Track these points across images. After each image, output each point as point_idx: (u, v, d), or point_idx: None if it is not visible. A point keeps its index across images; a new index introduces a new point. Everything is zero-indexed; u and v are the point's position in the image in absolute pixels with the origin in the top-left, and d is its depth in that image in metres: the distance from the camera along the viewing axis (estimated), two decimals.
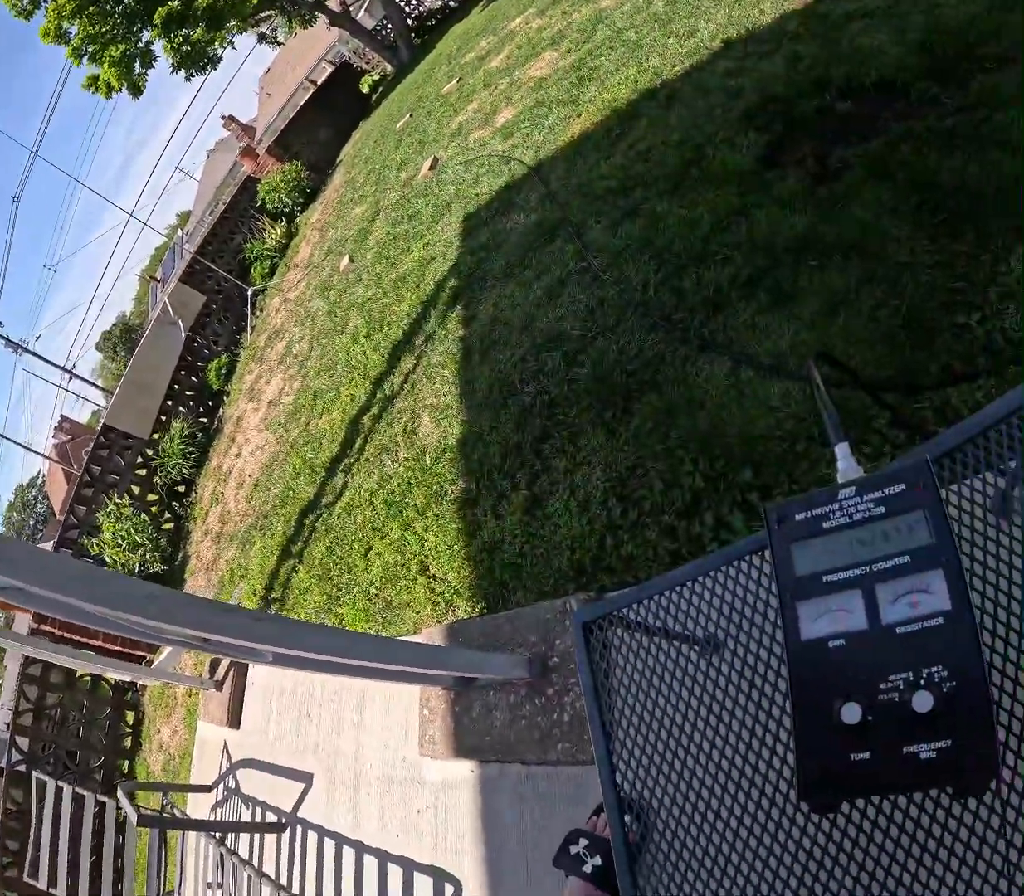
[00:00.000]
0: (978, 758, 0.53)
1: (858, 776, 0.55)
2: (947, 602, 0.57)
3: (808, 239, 1.99)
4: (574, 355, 2.10)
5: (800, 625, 0.60)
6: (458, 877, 1.78)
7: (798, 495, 0.67)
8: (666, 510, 1.79)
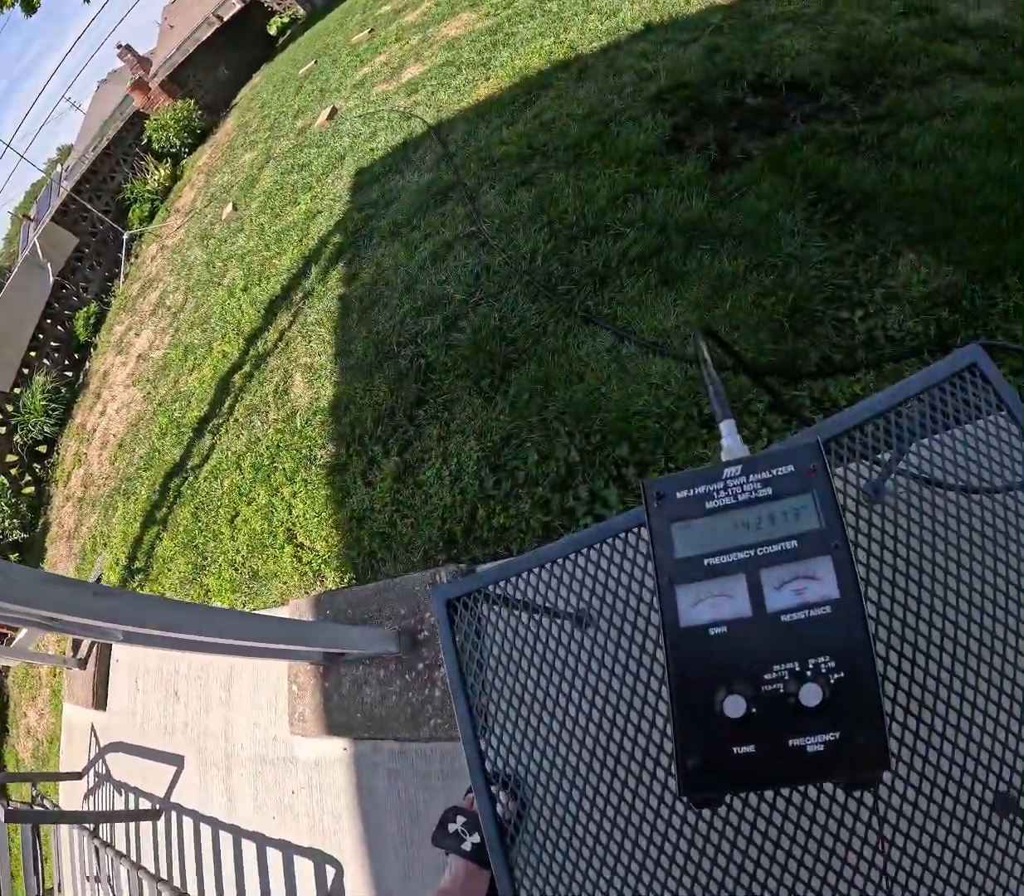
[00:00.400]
0: (868, 751, 0.52)
1: (742, 770, 0.53)
2: (835, 590, 0.55)
3: (702, 223, 2.01)
4: (455, 320, 2.02)
5: (679, 611, 0.57)
6: (338, 858, 1.71)
7: (680, 471, 0.63)
8: (540, 482, 1.77)
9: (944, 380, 0.76)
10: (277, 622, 1.75)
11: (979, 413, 0.74)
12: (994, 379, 0.75)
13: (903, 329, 1.76)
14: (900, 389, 0.76)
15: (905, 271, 1.84)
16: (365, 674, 1.80)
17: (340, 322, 2.42)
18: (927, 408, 0.75)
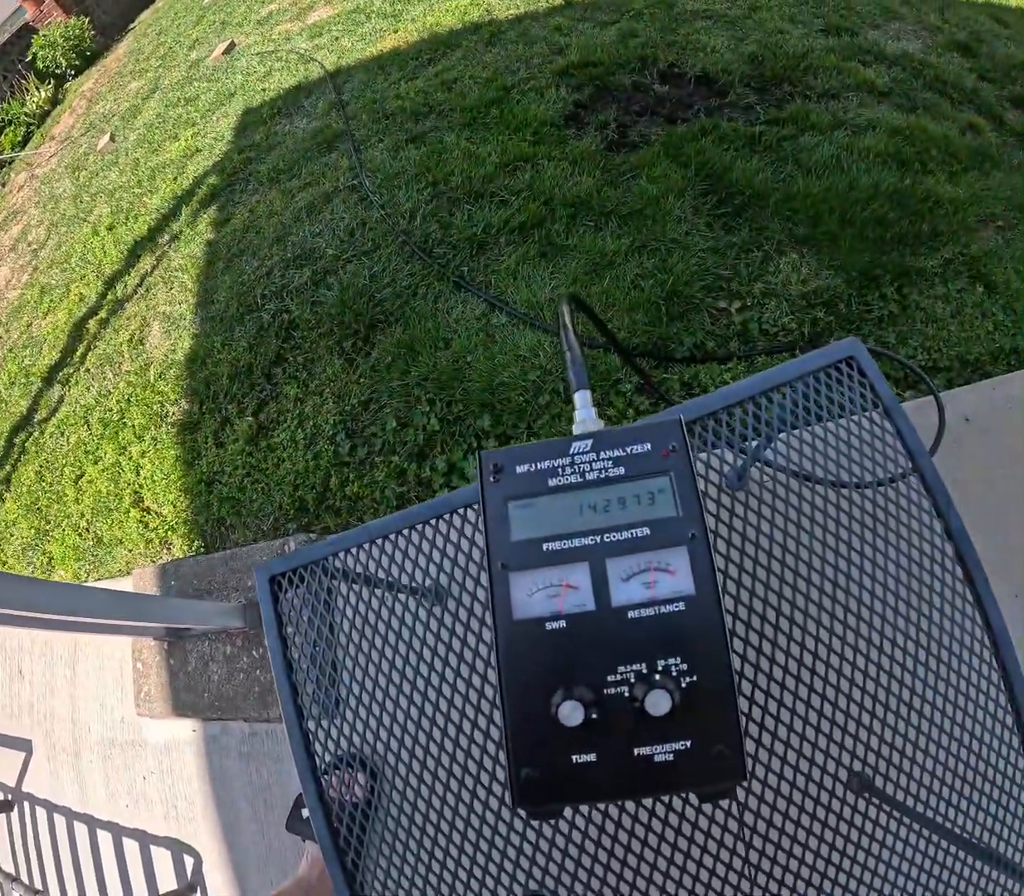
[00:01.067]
0: (723, 761, 0.47)
1: (582, 780, 0.47)
2: (690, 585, 0.50)
3: (589, 199, 1.97)
4: (324, 275, 1.90)
5: (513, 601, 0.51)
6: (195, 846, 1.61)
7: (523, 444, 0.55)
8: (397, 450, 1.70)
9: (819, 370, 0.73)
10: (113, 595, 1.59)
11: (853, 407, 0.72)
12: (871, 374, 0.73)
13: (778, 324, 1.81)
14: (773, 375, 0.73)
15: (786, 269, 1.89)
16: (211, 650, 1.68)
17: (205, 270, 2.23)
18: (799, 397, 0.72)
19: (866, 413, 0.73)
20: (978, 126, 2.43)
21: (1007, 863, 0.67)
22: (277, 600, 0.77)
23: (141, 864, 1.69)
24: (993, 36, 2.99)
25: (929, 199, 2.08)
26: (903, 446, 0.72)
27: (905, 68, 2.59)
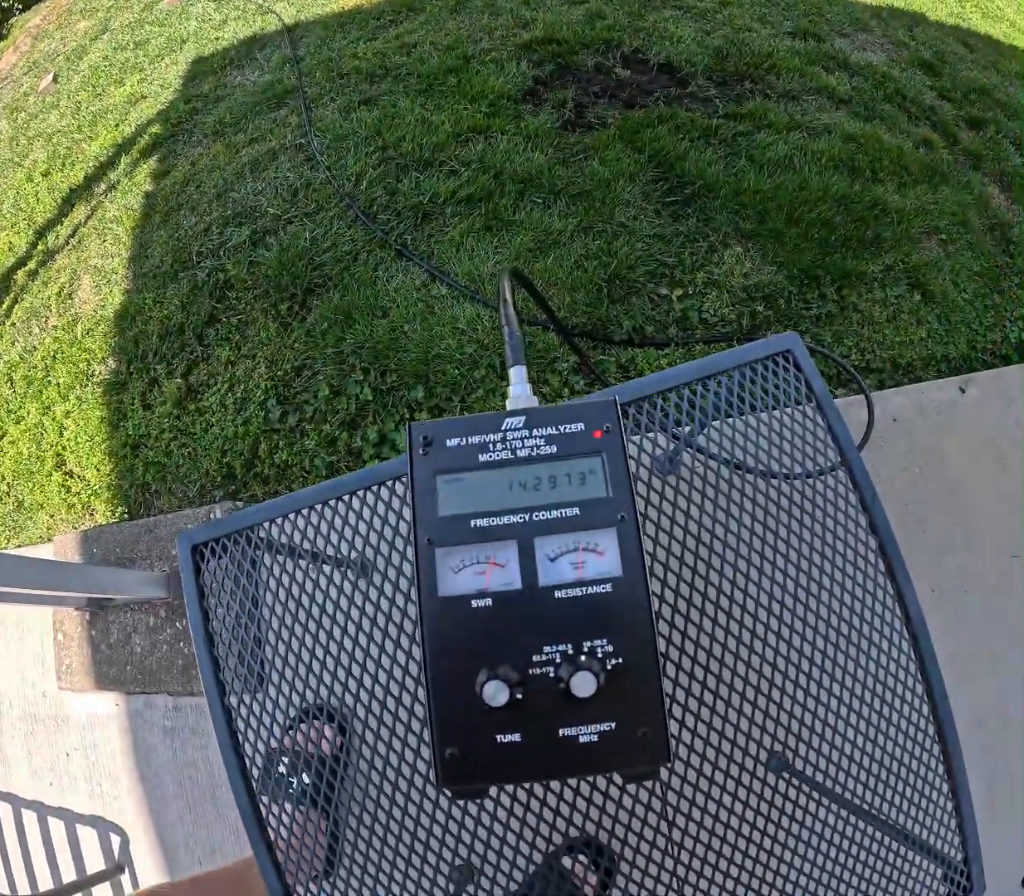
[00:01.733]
0: (647, 743, 0.48)
1: (507, 760, 0.48)
2: (618, 567, 0.50)
3: (540, 176, 1.95)
4: (263, 235, 1.84)
5: (438, 577, 0.50)
6: (122, 825, 1.57)
7: (454, 417, 0.54)
8: (329, 419, 1.67)
9: (756, 361, 0.74)
10: (28, 563, 1.52)
11: (786, 400, 0.73)
12: (807, 369, 0.74)
13: (718, 315, 1.83)
14: (710, 362, 0.74)
15: (730, 262, 1.91)
16: (134, 621, 1.64)
17: (141, 223, 2.14)
18: (735, 386, 0.73)
19: (799, 406, 0.74)
20: (932, 142, 2.51)
21: (917, 840, 0.70)
22: (199, 570, 0.74)
23: (68, 844, 1.65)
24: (958, 58, 3.07)
25: (876, 206, 2.14)
26: (833, 441, 0.74)
27: (867, 78, 2.64)
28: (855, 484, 0.73)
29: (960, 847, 0.71)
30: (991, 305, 2.13)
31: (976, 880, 0.71)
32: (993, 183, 2.54)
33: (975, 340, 2.05)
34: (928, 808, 0.70)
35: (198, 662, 0.71)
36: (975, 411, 1.75)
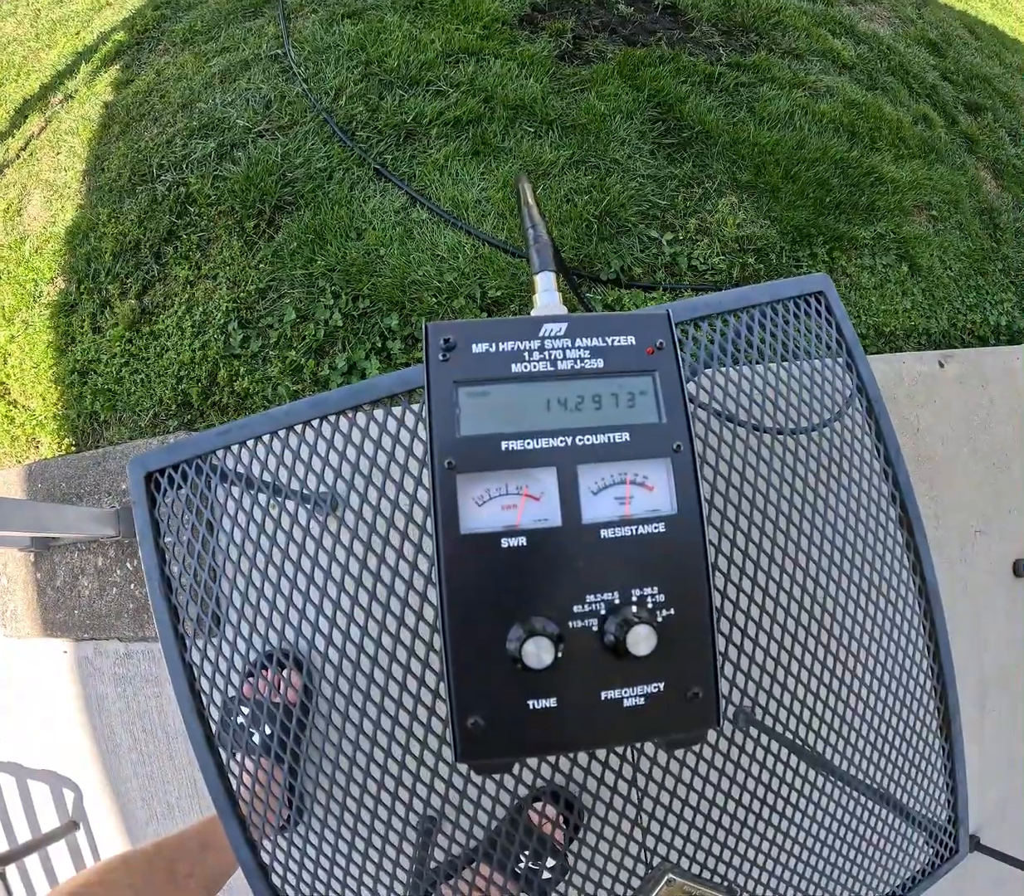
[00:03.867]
0: (696, 705, 0.42)
1: (539, 730, 0.41)
2: (671, 503, 0.44)
3: (533, 105, 1.84)
4: (231, 148, 1.70)
5: (460, 511, 0.42)
6: (75, 779, 1.48)
7: (480, 319, 0.43)
8: (295, 345, 1.56)
9: (788, 299, 0.69)
10: None
11: (818, 343, 0.69)
12: (838, 313, 0.70)
13: (708, 263, 1.78)
14: (743, 294, 0.68)
15: (724, 211, 1.87)
16: (82, 562, 1.52)
17: (99, 134, 1.98)
18: (767, 322, 0.68)
19: (829, 350, 0.70)
20: (931, 120, 2.50)
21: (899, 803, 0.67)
22: (155, 503, 0.62)
23: (20, 801, 1.54)
24: (963, 43, 3.06)
25: (872, 174, 2.13)
26: (861, 391, 0.69)
27: (872, 48, 2.62)
28: (880, 436, 0.70)
29: (950, 808, 0.69)
30: (974, 286, 2.16)
31: (961, 843, 0.68)
32: (986, 169, 2.56)
33: (956, 318, 2.06)
34: (922, 767, 0.67)
35: (153, 610, 0.61)
36: (952, 387, 1.77)
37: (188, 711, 0.60)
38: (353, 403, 0.61)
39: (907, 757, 0.67)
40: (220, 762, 0.59)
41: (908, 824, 0.68)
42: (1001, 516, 1.69)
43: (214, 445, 0.62)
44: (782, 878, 0.62)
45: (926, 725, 0.68)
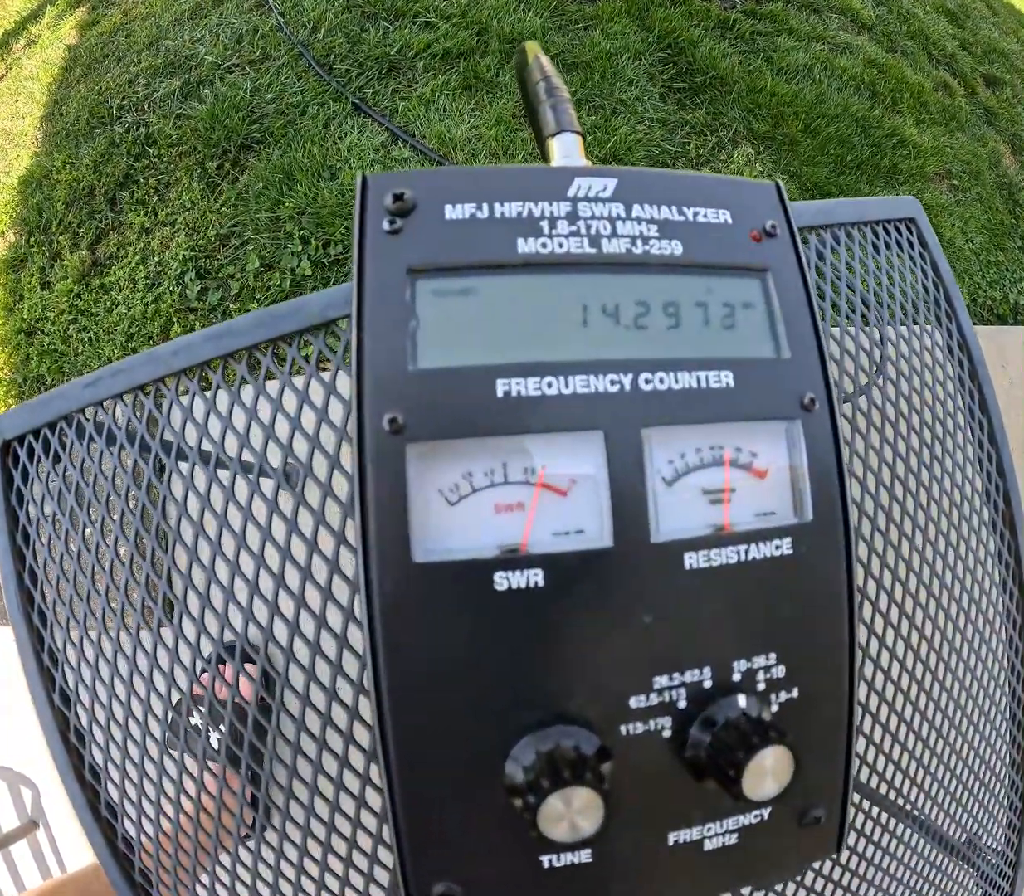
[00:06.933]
0: (814, 830, 0.26)
1: (560, 894, 0.23)
2: (802, 504, 0.26)
3: (532, 40, 1.69)
4: (197, 86, 1.54)
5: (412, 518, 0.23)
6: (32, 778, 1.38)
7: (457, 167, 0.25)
8: (257, 297, 1.39)
9: (878, 222, 0.53)
10: None
11: (912, 278, 0.53)
12: (932, 246, 0.54)
13: None
14: (828, 208, 0.51)
15: (739, 161, 1.74)
16: None
17: (60, 77, 1.82)
18: (856, 245, 0.51)
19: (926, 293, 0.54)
20: (951, 88, 2.39)
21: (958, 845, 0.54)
22: (11, 481, 0.42)
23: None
24: (980, 17, 2.94)
25: (895, 136, 2.02)
26: (962, 348, 0.54)
27: (892, 11, 2.50)
28: (985, 410, 0.53)
29: (1013, 850, 0.56)
30: (994, 262, 2.07)
31: (1018, 887, 0.56)
32: (1005, 143, 2.45)
33: (976, 293, 1.98)
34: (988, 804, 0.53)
35: (7, 604, 0.41)
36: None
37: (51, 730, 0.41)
38: (269, 335, 0.39)
39: (979, 799, 0.52)
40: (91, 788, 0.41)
41: (963, 866, 0.54)
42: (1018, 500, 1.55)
43: (83, 401, 0.41)
44: None
45: (1000, 758, 0.53)
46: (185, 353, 0.40)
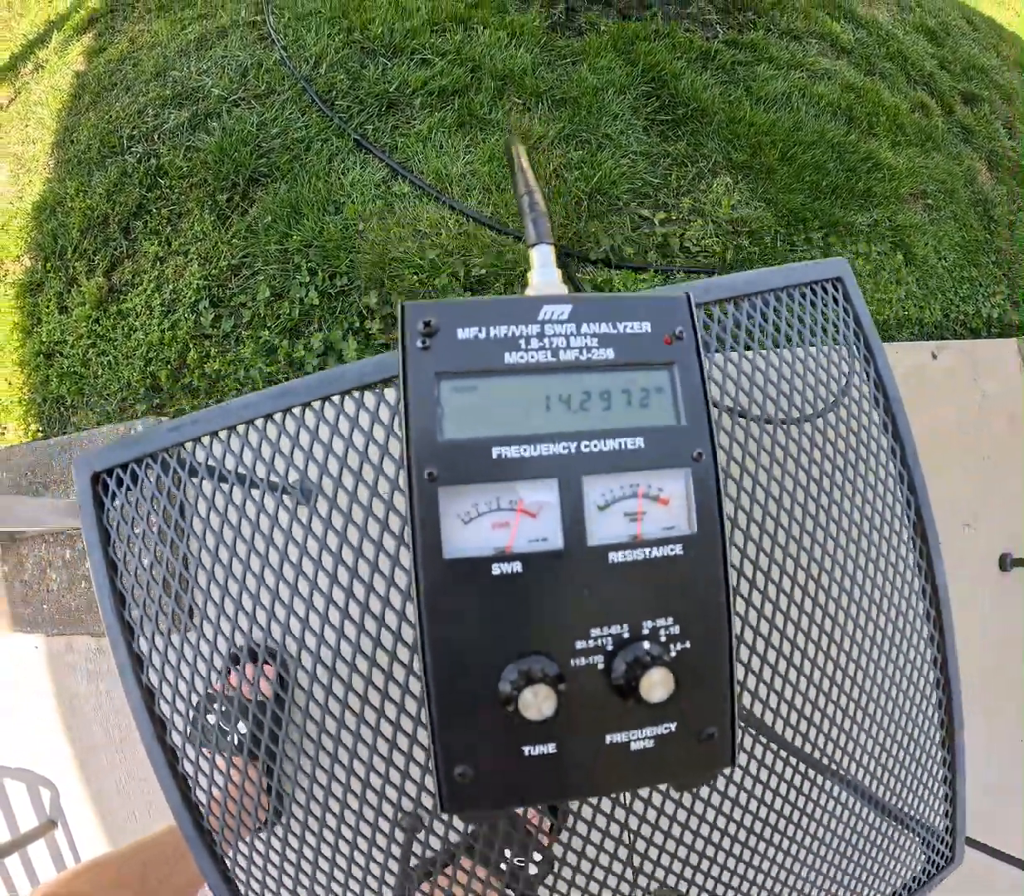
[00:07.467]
0: (712, 745, 0.38)
1: (535, 777, 0.36)
2: (689, 521, 0.39)
3: (523, 76, 1.77)
4: (205, 118, 1.63)
5: (443, 531, 0.36)
6: (50, 777, 1.44)
7: (466, 297, 0.35)
8: (268, 325, 1.49)
9: (805, 284, 0.65)
10: None
11: (834, 333, 0.65)
12: (856, 302, 0.66)
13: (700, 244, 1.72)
14: (761, 277, 0.63)
15: (718, 191, 1.82)
16: (49, 555, 1.46)
17: (69, 104, 1.89)
18: (783, 308, 0.64)
19: (843, 340, 0.65)
20: (928, 108, 2.47)
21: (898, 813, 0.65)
22: (103, 507, 0.56)
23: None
24: (960, 33, 3.04)
25: (870, 160, 2.10)
26: (878, 387, 0.66)
27: (871, 33, 2.59)
28: (896, 436, 0.66)
29: (948, 818, 0.67)
30: (968, 277, 2.14)
31: (958, 851, 0.67)
32: (981, 160, 2.53)
33: (949, 309, 2.05)
34: (924, 778, 0.65)
35: (106, 627, 0.54)
36: (944, 378, 1.76)
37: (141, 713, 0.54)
38: (320, 394, 0.53)
39: (909, 769, 0.64)
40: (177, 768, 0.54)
41: (905, 832, 0.65)
42: (990, 510, 1.68)
43: (166, 443, 0.54)
44: (778, 878, 0.59)
45: (930, 738, 0.65)
46: (253, 408, 0.54)
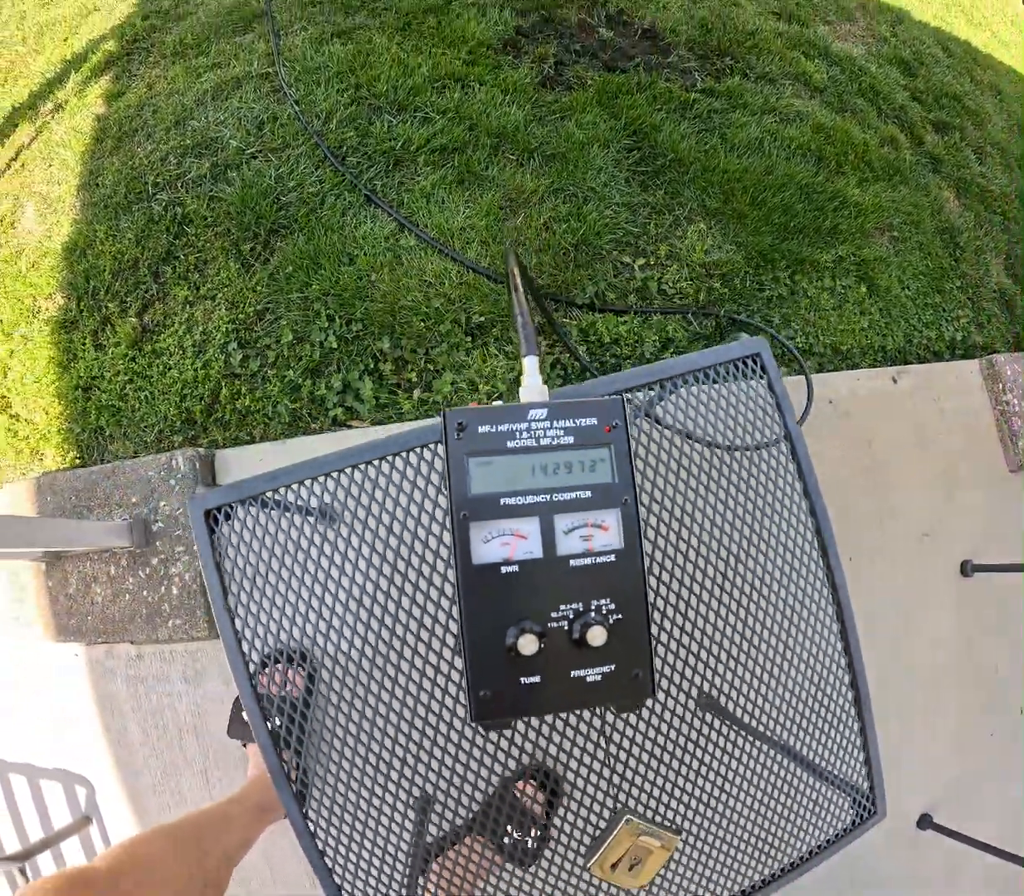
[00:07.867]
0: (637, 681, 0.61)
1: (529, 698, 0.59)
2: (620, 541, 0.62)
3: (516, 133, 1.93)
4: (225, 169, 1.77)
5: (472, 548, 0.60)
6: (87, 776, 1.55)
7: (483, 406, 0.59)
8: (292, 365, 1.66)
9: (730, 361, 0.86)
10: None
11: (752, 397, 0.87)
12: (771, 373, 0.87)
13: (676, 287, 1.87)
14: (690, 361, 0.85)
15: (693, 237, 1.95)
16: (94, 571, 1.60)
17: (91, 147, 2.01)
18: (710, 381, 0.85)
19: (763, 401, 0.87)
20: (898, 141, 2.57)
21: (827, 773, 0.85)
22: (213, 534, 0.79)
23: (32, 800, 1.60)
24: (935, 61, 3.11)
25: (837, 198, 2.20)
26: (787, 437, 0.87)
27: (845, 70, 2.67)
28: (794, 454, 0.86)
29: (867, 777, 0.87)
30: (931, 304, 2.24)
31: (879, 806, 0.87)
32: (950, 188, 2.63)
33: (912, 335, 2.16)
34: (841, 743, 0.86)
35: (221, 635, 0.77)
36: (905, 401, 1.89)
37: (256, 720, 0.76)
38: (377, 455, 0.78)
39: (831, 736, 0.85)
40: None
41: (837, 791, 0.86)
42: (949, 519, 1.82)
43: (265, 488, 0.78)
44: (720, 825, 0.81)
45: (845, 710, 0.86)
46: (331, 464, 0.78)
